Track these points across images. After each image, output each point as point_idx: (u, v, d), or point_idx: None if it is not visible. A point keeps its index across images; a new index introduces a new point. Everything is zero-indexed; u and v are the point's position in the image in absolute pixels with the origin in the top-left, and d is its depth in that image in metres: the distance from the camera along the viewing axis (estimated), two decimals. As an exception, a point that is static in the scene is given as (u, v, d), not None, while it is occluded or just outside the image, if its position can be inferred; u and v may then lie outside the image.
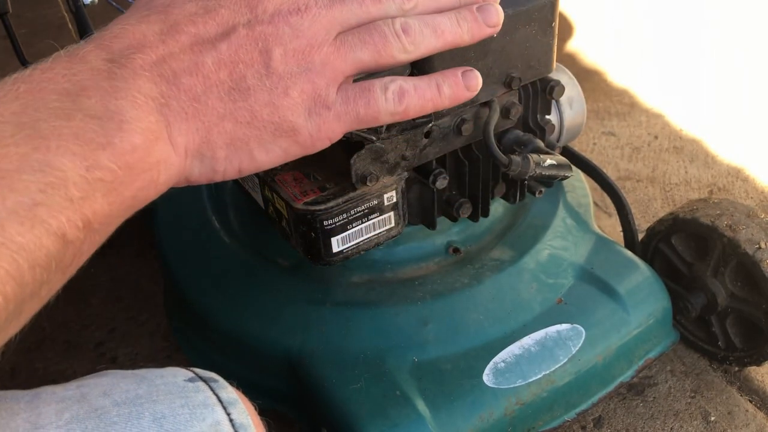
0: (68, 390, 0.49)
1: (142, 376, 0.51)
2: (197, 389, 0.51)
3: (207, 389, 0.52)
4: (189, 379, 0.52)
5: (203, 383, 0.52)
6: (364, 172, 0.95)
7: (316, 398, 1.04)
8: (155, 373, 0.52)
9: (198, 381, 0.52)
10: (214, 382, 0.53)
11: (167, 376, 0.52)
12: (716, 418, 1.25)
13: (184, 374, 0.53)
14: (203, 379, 0.53)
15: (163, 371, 0.53)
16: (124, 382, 0.50)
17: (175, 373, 0.53)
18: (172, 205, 1.36)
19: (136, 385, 0.50)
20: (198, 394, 0.50)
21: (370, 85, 0.60)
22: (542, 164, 0.98)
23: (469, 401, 1.03)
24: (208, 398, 0.50)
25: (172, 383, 0.51)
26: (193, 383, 0.52)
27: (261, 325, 1.14)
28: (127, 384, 0.50)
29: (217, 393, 0.52)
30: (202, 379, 0.53)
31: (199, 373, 0.54)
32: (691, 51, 2.46)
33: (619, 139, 2.03)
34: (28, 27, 3.03)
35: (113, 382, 0.50)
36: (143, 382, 0.51)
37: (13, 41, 1.64)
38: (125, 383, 0.50)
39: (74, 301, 1.60)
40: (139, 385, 0.50)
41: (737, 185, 1.82)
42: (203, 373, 0.54)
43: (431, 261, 1.19)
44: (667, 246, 1.29)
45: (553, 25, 0.99)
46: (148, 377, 0.51)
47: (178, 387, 0.51)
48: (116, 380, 0.51)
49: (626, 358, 1.17)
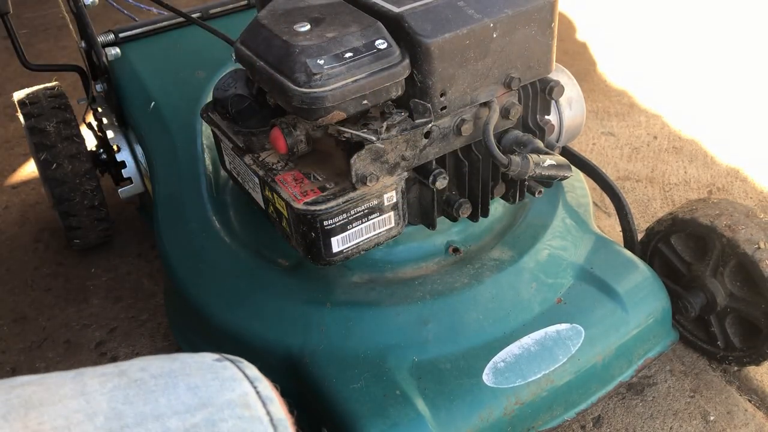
0: (108, 368, 0.53)
1: (174, 357, 0.56)
2: (225, 367, 0.56)
3: (234, 367, 0.56)
4: (216, 359, 0.57)
5: (230, 363, 0.57)
6: (364, 172, 0.95)
7: (317, 397, 1.05)
8: (185, 355, 0.57)
9: (225, 361, 0.57)
10: (240, 363, 0.57)
11: (196, 356, 0.57)
12: (715, 417, 1.25)
13: (212, 356, 0.57)
14: (230, 360, 0.57)
15: (193, 354, 0.57)
16: (158, 360, 0.55)
17: (204, 355, 0.57)
18: (173, 206, 1.36)
19: (170, 362, 0.54)
20: (226, 370, 0.55)
21: None
22: (542, 164, 0.98)
23: (469, 401, 1.03)
24: (236, 374, 0.55)
25: (202, 362, 0.55)
26: (221, 362, 0.56)
27: (261, 324, 1.14)
28: (161, 362, 0.54)
29: (244, 371, 0.56)
30: (228, 359, 0.57)
31: (226, 356, 0.58)
32: (691, 51, 2.46)
33: (619, 140, 2.04)
34: (29, 27, 3.03)
35: (148, 360, 0.55)
36: (176, 361, 0.55)
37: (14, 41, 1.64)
38: (159, 361, 0.54)
39: (75, 301, 1.61)
40: (173, 363, 0.54)
41: (736, 185, 1.82)
42: (229, 356, 0.58)
43: (431, 261, 1.20)
44: (667, 246, 1.30)
45: (552, 26, 1.00)
46: (180, 358, 0.56)
47: (207, 365, 0.55)
48: (151, 360, 0.55)
49: (625, 358, 1.17)
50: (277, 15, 0.94)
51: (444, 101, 0.94)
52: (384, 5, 0.94)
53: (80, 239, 1.65)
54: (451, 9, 0.92)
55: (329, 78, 0.85)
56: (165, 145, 1.41)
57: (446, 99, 0.94)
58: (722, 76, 2.30)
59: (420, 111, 0.94)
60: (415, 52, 0.90)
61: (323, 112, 0.87)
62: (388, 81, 0.89)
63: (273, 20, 0.93)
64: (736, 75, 2.30)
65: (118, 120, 1.54)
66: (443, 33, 0.89)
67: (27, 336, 1.53)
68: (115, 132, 1.54)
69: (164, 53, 1.53)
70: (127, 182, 1.56)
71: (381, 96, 0.90)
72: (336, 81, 0.85)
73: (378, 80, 0.88)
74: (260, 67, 0.92)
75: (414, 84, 0.93)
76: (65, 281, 1.66)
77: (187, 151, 1.39)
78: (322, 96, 0.85)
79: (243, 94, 1.10)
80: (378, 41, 0.89)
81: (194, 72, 1.49)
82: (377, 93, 0.89)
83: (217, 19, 1.59)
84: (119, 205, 1.84)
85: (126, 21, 1.62)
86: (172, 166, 1.39)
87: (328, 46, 0.87)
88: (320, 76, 0.85)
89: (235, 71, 1.14)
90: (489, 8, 0.94)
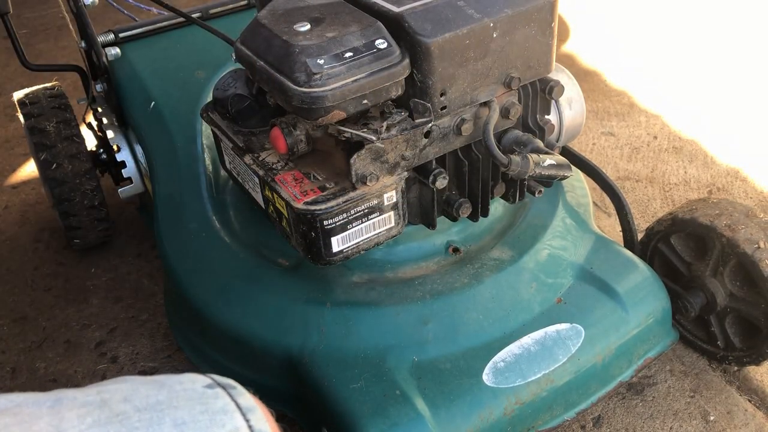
0: (89, 396, 0.49)
1: (161, 383, 0.52)
2: (216, 396, 0.51)
3: (226, 396, 0.52)
4: (208, 386, 0.53)
5: (222, 390, 0.53)
6: (364, 172, 0.95)
7: (317, 397, 1.04)
8: (174, 380, 0.52)
9: (217, 387, 0.53)
10: (233, 389, 0.53)
11: (186, 382, 0.52)
12: (715, 417, 1.25)
13: (202, 381, 0.53)
14: (222, 386, 0.53)
15: (182, 377, 0.53)
16: (144, 388, 0.50)
17: (194, 380, 0.53)
18: (173, 206, 1.36)
19: (156, 391, 0.50)
20: (217, 400, 0.51)
21: None
22: (542, 164, 0.98)
23: (469, 400, 1.03)
24: (227, 404, 0.51)
25: (192, 390, 0.51)
26: (212, 390, 0.52)
27: (261, 324, 1.14)
28: (147, 390, 0.50)
29: (236, 400, 0.52)
30: (220, 385, 0.53)
31: (218, 380, 0.54)
32: (691, 51, 2.46)
33: (619, 139, 2.04)
34: (29, 27, 3.03)
35: (133, 387, 0.50)
36: (163, 388, 0.51)
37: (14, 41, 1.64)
38: (145, 389, 0.50)
39: (75, 301, 1.61)
40: (159, 391, 0.50)
41: (736, 185, 1.82)
42: (221, 380, 0.54)
43: (431, 261, 1.20)
44: (666, 246, 1.30)
45: (552, 26, 1.00)
46: (168, 383, 0.52)
47: (197, 393, 0.51)
48: (136, 386, 0.51)
49: (625, 358, 1.17)
50: (277, 15, 0.94)
51: (444, 101, 0.94)
52: (384, 5, 0.94)
53: (80, 239, 1.65)
54: (451, 9, 0.92)
55: (329, 78, 0.85)
56: (165, 145, 1.41)
57: (446, 99, 0.94)
58: (722, 76, 2.30)
59: (420, 111, 0.94)
60: (415, 51, 0.90)
61: (323, 111, 0.87)
62: (388, 81, 0.89)
63: (273, 20, 0.93)
64: (737, 75, 2.30)
65: (118, 120, 1.54)
66: (443, 33, 0.89)
67: (27, 336, 1.53)
68: (115, 132, 1.54)
69: (164, 53, 1.53)
70: (127, 182, 1.56)
71: (381, 96, 0.90)
72: (336, 81, 0.85)
73: (378, 80, 0.88)
74: (260, 67, 0.92)
75: (414, 84, 0.93)
76: (65, 281, 1.66)
77: (187, 151, 1.39)
78: (322, 96, 0.85)
79: (243, 94, 1.10)
80: (378, 41, 0.89)
81: (194, 72, 1.49)
82: (377, 93, 0.89)
83: (217, 19, 1.59)
84: (119, 205, 1.84)
85: (126, 21, 1.62)
86: (172, 166, 1.39)
87: (328, 46, 0.87)
88: (320, 75, 0.85)
89: (235, 71, 1.14)
90: (489, 8, 0.94)
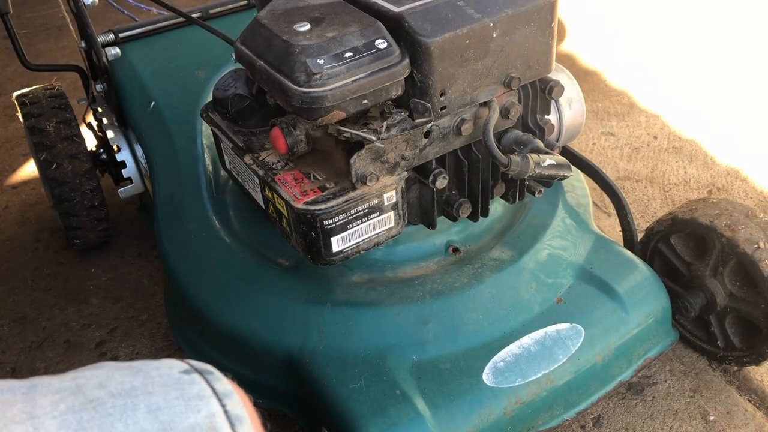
0: (64, 382, 0.49)
1: (137, 368, 0.51)
2: (192, 381, 0.51)
3: (202, 381, 0.52)
4: (184, 371, 0.52)
5: (198, 375, 0.52)
6: (364, 172, 0.95)
7: (317, 397, 1.04)
8: (151, 365, 0.52)
9: (193, 373, 0.52)
10: (210, 374, 0.53)
11: (163, 368, 0.52)
12: (715, 417, 1.25)
13: (179, 366, 0.53)
14: (198, 371, 0.53)
15: (159, 363, 0.53)
16: (120, 374, 0.50)
17: (171, 365, 0.53)
18: (173, 206, 1.36)
19: (131, 377, 0.50)
20: (193, 386, 0.51)
21: None
22: (542, 164, 0.98)
23: (469, 400, 1.03)
24: (203, 390, 0.50)
25: (168, 375, 0.51)
26: (189, 375, 0.52)
27: (261, 324, 1.14)
28: (122, 376, 0.50)
29: (212, 385, 0.52)
30: (197, 371, 0.53)
31: (195, 365, 0.54)
32: (691, 52, 2.46)
33: (619, 140, 2.04)
34: (29, 27, 3.03)
35: (109, 374, 0.50)
36: (139, 374, 0.50)
37: (14, 41, 1.64)
38: (120, 375, 0.50)
39: (75, 301, 1.61)
40: (135, 377, 0.50)
41: (736, 185, 1.82)
42: (198, 365, 0.54)
43: (431, 260, 1.20)
44: (666, 246, 1.30)
45: (552, 26, 1.00)
46: (144, 369, 0.51)
47: (173, 379, 0.51)
48: (112, 372, 0.50)
49: (625, 358, 1.17)
50: (277, 15, 0.95)
51: (444, 101, 0.94)
52: (384, 5, 0.94)
53: (80, 239, 1.65)
54: (451, 9, 0.92)
55: (329, 77, 0.85)
56: (165, 145, 1.41)
57: (446, 99, 0.94)
58: (722, 76, 2.30)
59: (420, 111, 0.94)
60: (415, 51, 0.90)
61: (323, 111, 0.87)
62: (388, 81, 0.89)
63: (273, 20, 0.93)
64: (736, 75, 2.30)
65: (118, 120, 1.54)
66: (443, 33, 0.89)
67: (27, 336, 1.53)
68: (115, 132, 1.54)
69: (164, 53, 1.53)
70: (127, 182, 1.56)
71: (381, 95, 0.90)
72: (336, 80, 0.85)
73: (378, 80, 0.88)
74: (260, 67, 0.92)
75: (414, 84, 0.93)
76: (65, 281, 1.66)
77: (187, 151, 1.39)
78: (322, 95, 0.85)
79: (243, 93, 1.10)
80: (378, 41, 0.89)
81: (194, 72, 1.49)
82: (377, 92, 0.89)
83: (217, 19, 1.59)
84: (119, 205, 1.84)
85: (126, 21, 1.62)
86: (172, 166, 1.39)
87: (328, 46, 0.87)
88: (320, 75, 0.85)
89: (235, 71, 1.14)
90: (489, 8, 0.94)
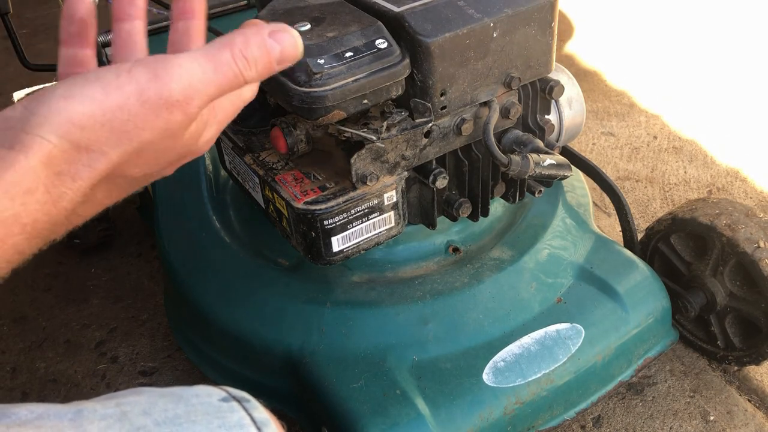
0: (108, 408, 0.49)
1: (178, 395, 0.53)
2: (231, 409, 0.53)
3: (241, 409, 0.53)
4: (223, 399, 0.53)
5: (237, 403, 0.54)
6: (364, 171, 0.95)
7: (317, 397, 1.05)
8: (190, 393, 0.53)
9: (232, 401, 0.54)
10: (247, 402, 0.54)
11: (202, 395, 0.53)
12: (715, 417, 1.25)
13: (217, 394, 0.54)
14: (236, 399, 0.54)
15: (197, 390, 0.54)
16: (162, 402, 0.51)
17: (210, 393, 0.54)
18: (173, 206, 1.36)
19: (174, 404, 0.51)
20: (233, 414, 0.52)
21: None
22: (542, 164, 0.98)
23: (469, 400, 1.03)
24: (243, 418, 0.52)
25: (208, 403, 0.52)
26: (227, 403, 0.53)
27: (261, 324, 1.14)
28: (165, 403, 0.51)
29: (251, 413, 0.53)
30: (235, 398, 0.54)
31: (232, 393, 0.55)
32: (691, 52, 2.46)
33: (619, 140, 2.04)
34: (29, 27, 3.03)
35: (152, 401, 0.51)
36: (180, 401, 0.52)
37: (14, 41, 1.64)
38: (163, 402, 0.51)
39: (75, 301, 1.61)
40: (177, 405, 0.51)
41: (736, 185, 1.82)
42: (235, 393, 0.55)
43: (431, 260, 1.20)
44: (666, 245, 1.30)
45: (552, 26, 1.00)
46: (185, 396, 0.52)
47: (213, 407, 0.52)
48: (155, 399, 0.52)
49: (625, 358, 1.17)
50: (277, 14, 0.95)
51: (444, 101, 0.94)
52: (384, 5, 0.94)
53: (80, 239, 1.65)
54: (451, 8, 0.92)
55: (329, 77, 0.85)
56: (165, 144, 1.41)
57: (446, 98, 0.94)
58: (722, 76, 2.30)
59: (420, 110, 0.94)
60: (416, 51, 0.90)
61: (323, 111, 0.87)
62: (389, 80, 0.89)
63: (273, 20, 0.93)
64: (736, 75, 2.30)
65: (118, 120, 1.54)
66: (443, 32, 0.89)
67: (27, 336, 1.53)
68: (115, 132, 1.54)
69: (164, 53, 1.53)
70: (127, 182, 1.56)
71: (381, 95, 0.90)
72: (336, 80, 0.85)
73: (378, 80, 0.88)
74: (260, 67, 0.92)
75: (414, 83, 0.93)
76: (65, 281, 1.66)
77: (187, 150, 1.39)
78: (322, 95, 0.85)
79: (243, 93, 1.10)
80: (378, 41, 0.89)
81: (194, 72, 1.49)
82: (377, 92, 0.89)
83: (217, 19, 1.59)
84: (119, 205, 1.84)
85: (126, 21, 1.62)
86: (172, 165, 1.39)
87: (328, 46, 0.87)
88: (320, 75, 0.85)
89: (235, 71, 1.14)
90: (489, 8, 0.94)
